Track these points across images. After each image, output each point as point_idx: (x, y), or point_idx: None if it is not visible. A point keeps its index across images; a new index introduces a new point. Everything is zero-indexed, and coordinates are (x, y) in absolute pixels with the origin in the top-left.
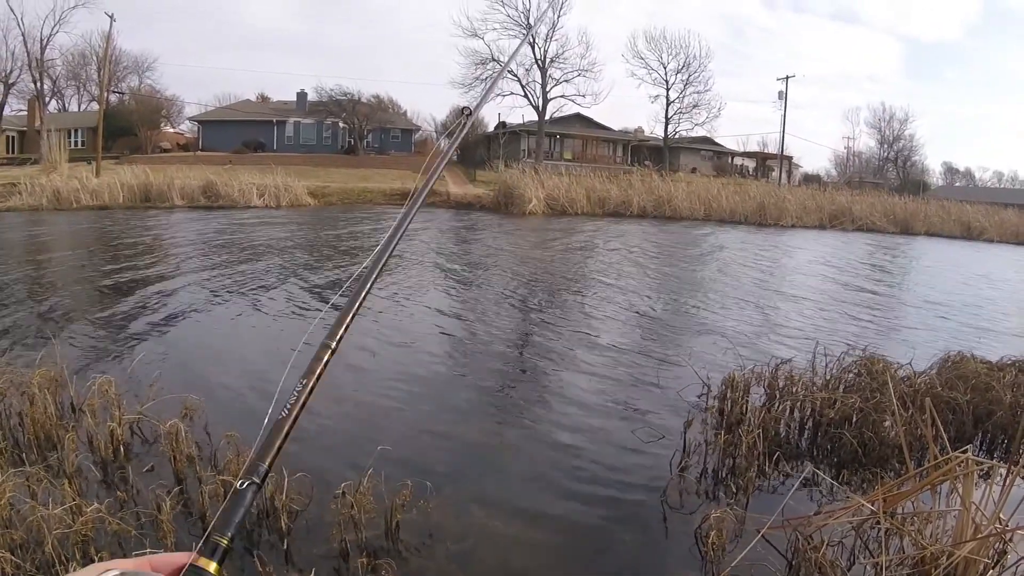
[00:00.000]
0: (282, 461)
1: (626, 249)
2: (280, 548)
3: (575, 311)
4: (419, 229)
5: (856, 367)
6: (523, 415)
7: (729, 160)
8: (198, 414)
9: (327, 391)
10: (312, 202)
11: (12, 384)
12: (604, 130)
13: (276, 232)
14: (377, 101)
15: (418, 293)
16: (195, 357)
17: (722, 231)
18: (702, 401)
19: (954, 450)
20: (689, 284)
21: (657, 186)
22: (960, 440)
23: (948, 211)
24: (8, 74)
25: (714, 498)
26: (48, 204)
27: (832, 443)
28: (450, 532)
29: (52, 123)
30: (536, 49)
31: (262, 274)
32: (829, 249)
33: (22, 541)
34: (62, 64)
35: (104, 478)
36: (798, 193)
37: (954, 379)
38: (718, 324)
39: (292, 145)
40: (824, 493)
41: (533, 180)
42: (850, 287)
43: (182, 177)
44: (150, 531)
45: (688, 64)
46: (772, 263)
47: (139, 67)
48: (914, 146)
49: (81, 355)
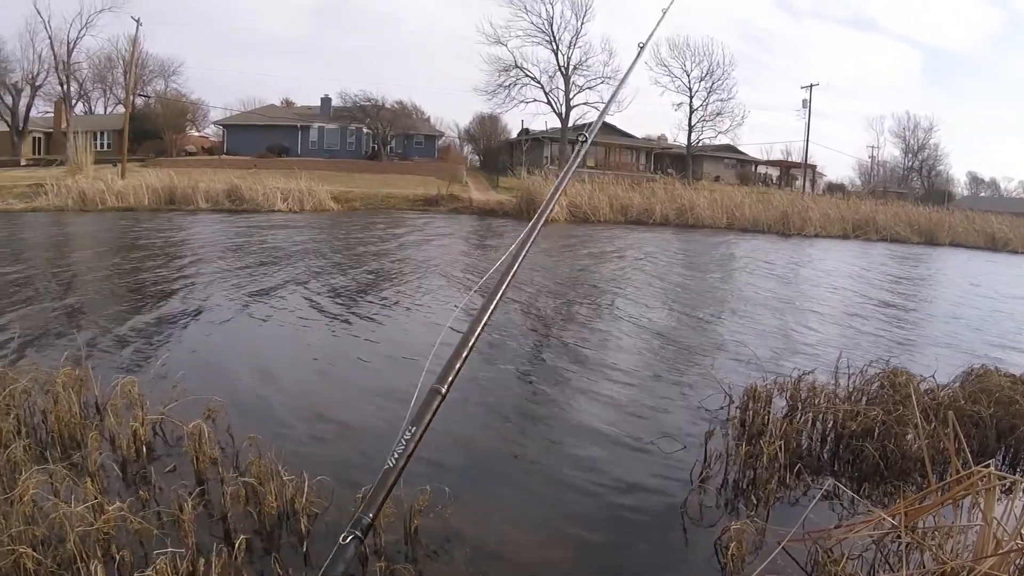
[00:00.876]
0: (303, 463)
1: (648, 258)
2: (300, 550)
3: (596, 319)
4: (442, 234)
5: (879, 379)
6: (543, 422)
7: (752, 169)
8: (221, 416)
9: (349, 393)
10: (335, 207)
11: (37, 383)
12: (627, 137)
13: (300, 236)
14: (400, 107)
15: (439, 297)
16: (218, 359)
17: (745, 240)
18: (723, 411)
19: (977, 464)
20: (711, 293)
21: (680, 194)
22: (983, 454)
23: (972, 221)
24: (35, 76)
25: (734, 509)
26: (73, 205)
27: (854, 456)
28: (468, 538)
29: (78, 125)
30: (559, 56)
31: (285, 278)
32: (852, 259)
33: (44, 538)
34: (88, 67)
35: (126, 477)
36: (822, 202)
37: (977, 392)
38: (740, 334)
39: (316, 150)
40: (845, 506)
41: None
42: (873, 298)
43: (207, 180)
44: (172, 531)
45: (711, 72)
46: (795, 273)
47: (165, 71)
48: (939, 155)
49: (105, 355)
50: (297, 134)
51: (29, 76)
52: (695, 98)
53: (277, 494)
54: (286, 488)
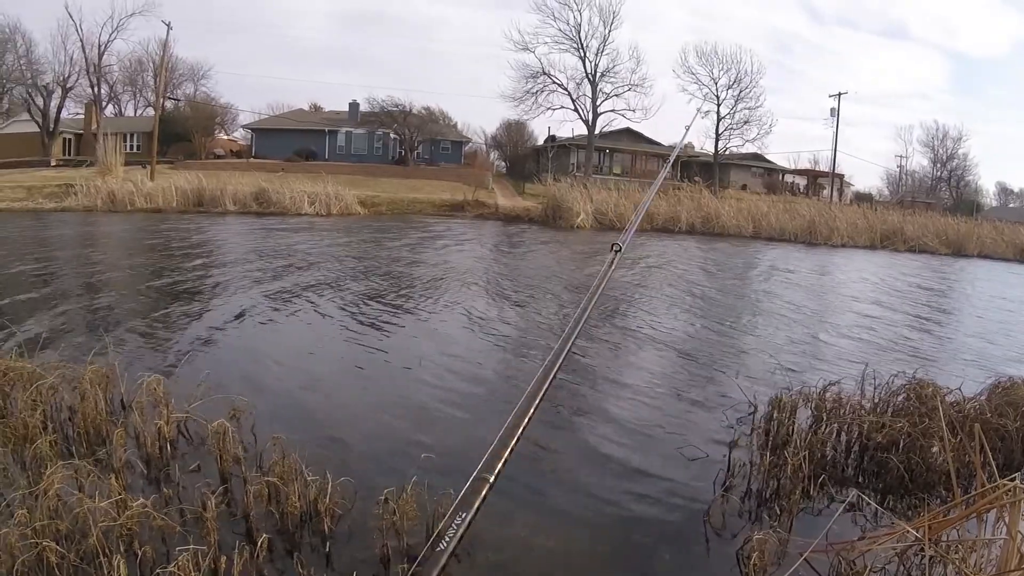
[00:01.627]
0: (326, 465)
1: (673, 266)
2: (322, 551)
3: (619, 326)
4: (468, 239)
5: (905, 391)
6: (567, 428)
7: (780, 177)
8: (245, 415)
9: (373, 397)
10: (362, 211)
11: (65, 379)
12: (654, 145)
13: (326, 240)
14: (428, 112)
15: (465, 303)
16: (243, 359)
17: (771, 249)
18: (748, 421)
19: (1002, 478)
20: (736, 302)
21: (706, 202)
22: (1008, 468)
23: (1002, 232)
24: (66, 78)
25: (757, 519)
26: (103, 206)
27: (878, 468)
28: (490, 542)
29: (108, 127)
30: (587, 63)
31: (312, 281)
32: (880, 270)
33: (68, 532)
34: (119, 70)
35: (150, 474)
36: (849, 212)
37: (1004, 405)
38: (766, 343)
39: (343, 154)
40: (868, 518)
41: (582, 194)
42: (900, 309)
43: (235, 183)
44: (194, 528)
45: (739, 80)
46: (821, 283)
47: (195, 75)
48: (968, 165)
49: (132, 353)
50: (325, 138)
51: (60, 78)
52: (723, 106)
53: (300, 494)
54: (309, 489)
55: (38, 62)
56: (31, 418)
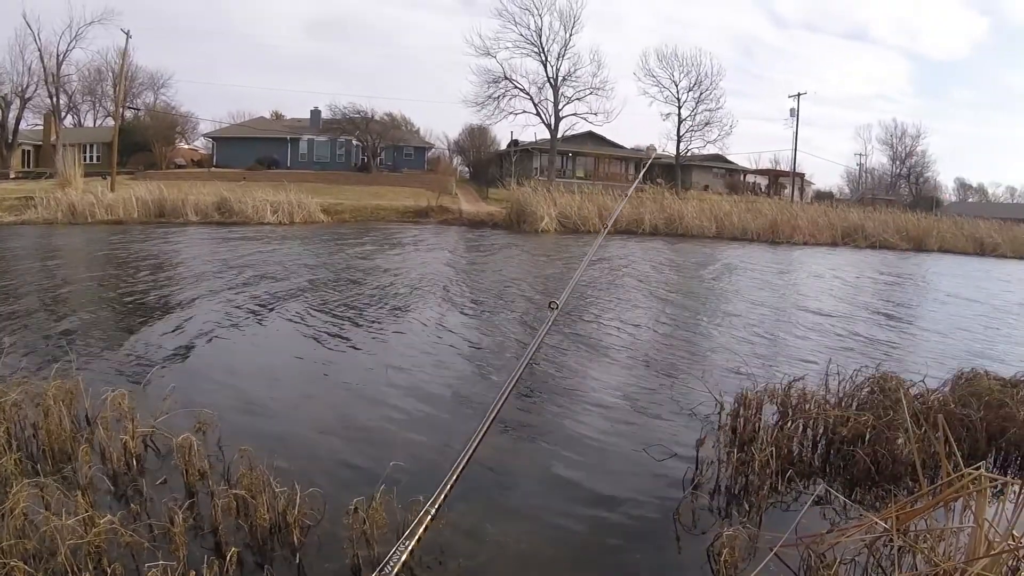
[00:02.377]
0: (294, 476)
1: (637, 267)
2: (292, 562)
3: (586, 329)
4: (432, 246)
5: (869, 384)
6: (534, 432)
7: (741, 178)
8: (211, 428)
9: (340, 406)
10: (325, 219)
11: (28, 396)
12: (617, 148)
13: (290, 250)
14: (390, 119)
15: (428, 312)
16: (209, 371)
17: (734, 249)
18: (715, 419)
19: (967, 467)
20: (701, 302)
21: (669, 204)
22: (973, 457)
23: (961, 227)
24: (24, 89)
25: (727, 516)
26: (63, 218)
27: (845, 461)
28: (462, 548)
29: (67, 138)
30: (548, 67)
31: (275, 292)
32: (841, 266)
33: (35, 551)
34: (78, 79)
35: (117, 490)
36: (810, 211)
37: (967, 396)
38: (730, 342)
39: (306, 162)
40: (837, 511)
41: (545, 198)
42: (862, 305)
43: (196, 193)
44: (163, 543)
45: (700, 82)
46: (784, 281)
47: (154, 83)
48: (926, 162)
49: (96, 367)
50: (287, 146)
51: (18, 89)
52: (683, 108)
53: (269, 506)
54: (278, 500)
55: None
56: None
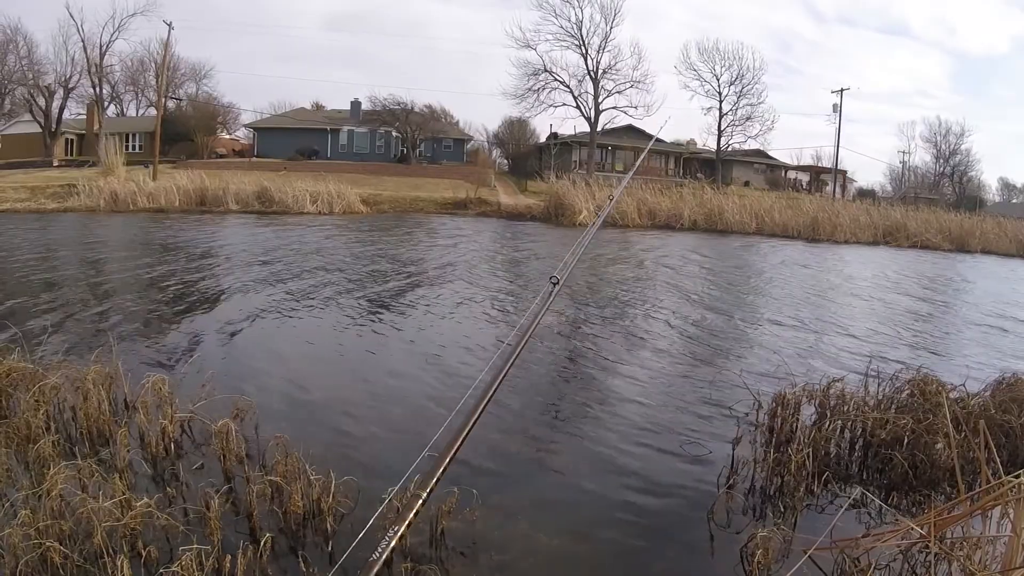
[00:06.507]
0: (330, 464)
1: (676, 262)
2: (325, 550)
3: (623, 323)
4: (471, 236)
5: (909, 387)
6: (570, 427)
7: (782, 174)
8: (249, 415)
9: (377, 395)
10: (364, 210)
11: (67, 379)
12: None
13: (330, 239)
14: (430, 111)
15: (469, 300)
16: (247, 359)
17: (773, 245)
18: (752, 418)
19: (1007, 474)
20: (740, 298)
21: (708, 199)
22: (1013, 464)
23: (1004, 228)
24: (68, 79)
25: (761, 517)
26: (105, 206)
27: (882, 464)
28: (494, 542)
29: (110, 127)
30: (588, 60)
31: (315, 281)
32: (883, 266)
33: (71, 532)
34: (121, 70)
35: (154, 474)
36: (852, 208)
37: (1008, 401)
38: (769, 340)
39: (345, 153)
40: (873, 515)
41: (584, 191)
42: (903, 305)
43: (237, 182)
44: (198, 528)
45: (741, 76)
46: (824, 279)
47: (196, 74)
48: (970, 161)
49: (135, 352)
50: (327, 137)
51: (62, 78)
52: (724, 103)
53: (303, 493)
54: (313, 488)
55: (39, 63)
56: (34, 418)
